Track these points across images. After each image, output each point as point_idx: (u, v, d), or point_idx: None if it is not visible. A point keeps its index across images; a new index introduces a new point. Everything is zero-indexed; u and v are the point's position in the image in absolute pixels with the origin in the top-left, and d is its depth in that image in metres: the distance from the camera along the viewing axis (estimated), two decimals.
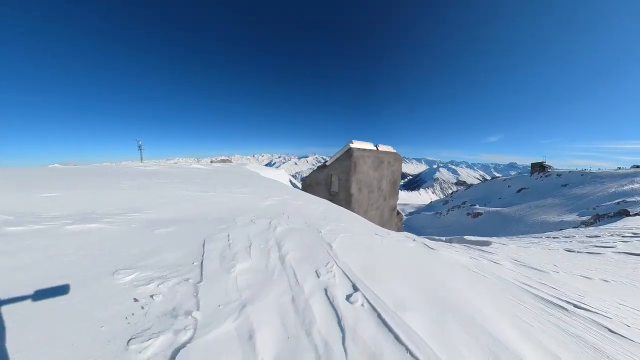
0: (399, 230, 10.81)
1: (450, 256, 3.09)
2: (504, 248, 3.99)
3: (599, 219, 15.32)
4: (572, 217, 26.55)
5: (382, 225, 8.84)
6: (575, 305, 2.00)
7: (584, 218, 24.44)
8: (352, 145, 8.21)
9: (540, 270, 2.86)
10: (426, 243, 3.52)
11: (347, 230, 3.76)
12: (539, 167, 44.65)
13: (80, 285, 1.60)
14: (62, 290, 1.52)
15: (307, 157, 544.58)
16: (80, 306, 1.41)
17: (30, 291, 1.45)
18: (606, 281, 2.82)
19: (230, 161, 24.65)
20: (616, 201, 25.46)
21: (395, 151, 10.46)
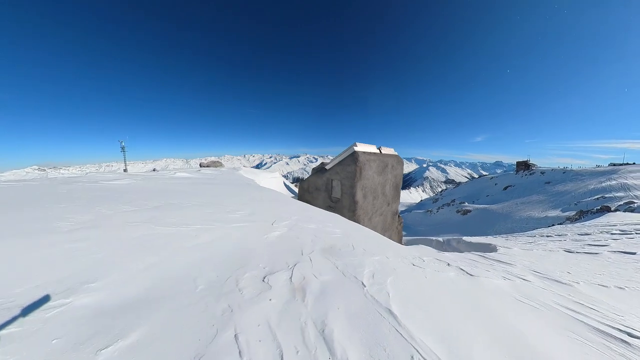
0: (399, 233, 10.51)
1: (492, 284, 2.85)
2: (513, 254, 3.87)
3: (583, 215, 15.89)
4: (556, 212, 27.66)
5: (385, 230, 8.45)
6: (629, 335, 1.90)
7: (567, 214, 25.47)
8: (356, 149, 7.60)
9: (564, 284, 2.77)
10: (462, 267, 3.29)
11: (387, 269, 2.85)
12: (524, 166, 46.38)
13: None
14: None
15: (298, 156, 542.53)
16: None
17: None
18: (621, 288, 2.78)
19: (221, 163, 23.34)
20: (596, 197, 26.74)
21: (397, 154, 10.06)
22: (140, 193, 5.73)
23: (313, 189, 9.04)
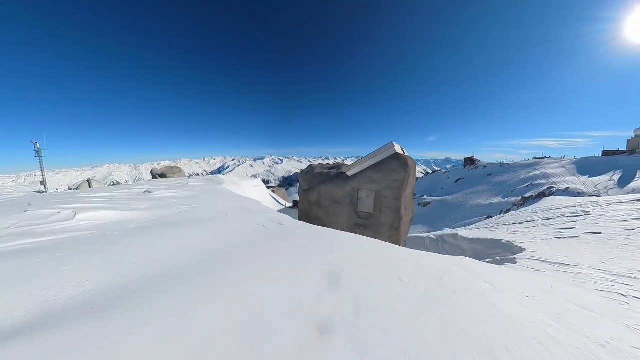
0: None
1: None
2: (542, 249, 3.89)
3: (525, 200, 18.61)
4: (498, 199, 32.21)
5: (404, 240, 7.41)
6: None
7: (507, 200, 29.85)
8: (397, 150, 6.13)
9: (632, 277, 2.73)
10: None
11: None
12: (470, 161, 53.08)
13: None
14: None
15: (263, 158, 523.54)
16: None
17: None
18: None
19: (180, 169, 18.47)
20: (526, 185, 31.98)
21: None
22: None
23: (328, 202, 6.75)
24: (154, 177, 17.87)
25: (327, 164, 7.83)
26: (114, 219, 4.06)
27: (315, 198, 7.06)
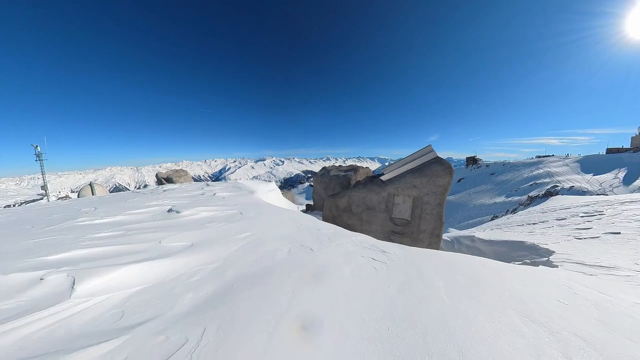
0: None
1: None
2: (574, 251, 3.83)
3: (532, 200, 18.53)
4: (501, 198, 32.11)
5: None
6: None
7: (510, 199, 29.77)
8: (435, 154, 5.95)
9: None
10: None
11: None
12: (473, 160, 53.07)
13: None
14: None
15: (264, 159, 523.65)
16: None
17: None
18: None
19: (186, 172, 18.15)
20: (530, 184, 31.87)
21: None
22: None
23: (361, 209, 6.45)
24: (159, 181, 17.73)
25: (340, 166, 7.76)
26: (148, 282, 2.16)
27: (345, 204, 6.68)
